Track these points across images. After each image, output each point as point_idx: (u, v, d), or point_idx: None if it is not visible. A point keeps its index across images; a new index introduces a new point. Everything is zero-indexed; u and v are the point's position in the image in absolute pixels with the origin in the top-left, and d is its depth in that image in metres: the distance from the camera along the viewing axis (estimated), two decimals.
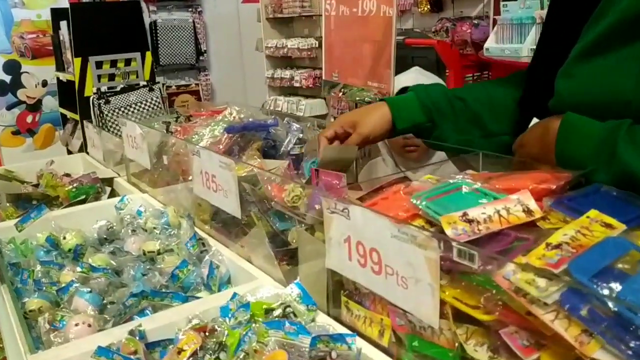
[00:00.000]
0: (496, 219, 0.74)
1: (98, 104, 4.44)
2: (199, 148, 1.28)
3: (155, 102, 4.63)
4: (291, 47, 5.54)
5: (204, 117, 1.70)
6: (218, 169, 1.20)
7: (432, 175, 0.99)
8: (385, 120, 1.24)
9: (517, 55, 3.60)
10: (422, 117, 1.25)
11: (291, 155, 1.51)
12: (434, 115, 1.24)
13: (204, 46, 7.14)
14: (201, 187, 1.31)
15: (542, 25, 1.22)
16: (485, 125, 1.22)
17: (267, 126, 1.47)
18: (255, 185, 1.19)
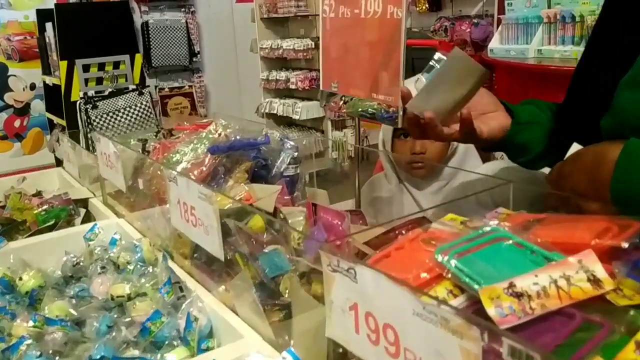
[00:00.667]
0: (553, 293, 0.55)
1: (85, 109, 4.25)
2: (176, 174, 1.09)
3: (145, 107, 4.44)
4: (286, 48, 5.36)
5: (187, 131, 1.51)
6: (197, 201, 1.01)
7: (455, 215, 0.81)
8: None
9: (523, 56, 3.43)
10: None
11: (285, 177, 1.32)
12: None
13: (198, 47, 6.96)
14: (179, 219, 1.12)
15: (593, 28, 1.04)
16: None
17: (256, 145, 1.28)
18: (241, 220, 1.01)
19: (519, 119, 1.05)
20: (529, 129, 1.05)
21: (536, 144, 1.06)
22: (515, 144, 1.06)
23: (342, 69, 1.28)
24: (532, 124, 1.05)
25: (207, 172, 1.24)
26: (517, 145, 1.07)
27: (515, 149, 1.08)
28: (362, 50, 1.21)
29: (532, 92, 3.08)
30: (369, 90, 1.21)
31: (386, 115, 1.33)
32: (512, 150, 1.10)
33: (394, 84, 1.12)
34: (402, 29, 1.08)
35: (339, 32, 1.28)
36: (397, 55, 1.10)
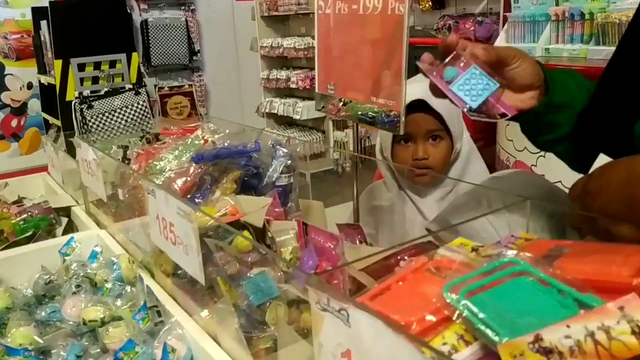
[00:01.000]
0: (590, 349, 0.45)
1: (80, 109, 4.15)
2: (154, 186, 0.98)
3: (142, 107, 4.33)
4: (287, 46, 5.27)
5: (173, 136, 1.41)
6: (176, 217, 0.91)
7: (465, 239, 0.70)
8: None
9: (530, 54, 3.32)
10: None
11: (278, 187, 1.22)
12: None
13: (198, 46, 6.88)
14: (158, 236, 1.02)
15: (628, 25, 0.94)
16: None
17: (245, 152, 1.18)
18: (226, 238, 0.90)
19: (551, 98, 0.94)
20: (559, 111, 0.96)
21: (562, 127, 0.97)
22: (540, 122, 0.97)
23: (339, 69, 1.18)
24: (563, 108, 0.96)
25: (191, 182, 1.14)
26: (540, 123, 0.97)
27: (537, 126, 0.99)
28: (360, 50, 1.10)
29: None
30: (369, 93, 1.10)
31: (387, 119, 1.22)
32: (531, 126, 1.00)
33: (395, 87, 1.02)
34: (405, 26, 0.98)
35: (335, 29, 1.17)
36: (399, 54, 1.00)
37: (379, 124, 1.22)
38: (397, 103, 1.02)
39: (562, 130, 0.97)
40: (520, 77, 0.92)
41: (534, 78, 0.93)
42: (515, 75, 0.92)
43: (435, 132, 1.44)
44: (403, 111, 1.02)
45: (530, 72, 0.93)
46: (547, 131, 0.99)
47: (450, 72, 0.90)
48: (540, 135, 1.01)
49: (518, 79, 0.92)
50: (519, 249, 0.64)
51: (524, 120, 0.98)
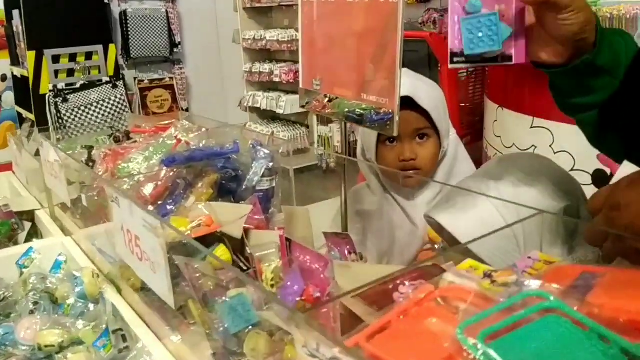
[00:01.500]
0: None
1: (54, 103, 4.00)
2: (118, 194, 0.87)
3: (120, 100, 4.19)
4: (270, 39, 5.14)
5: (145, 134, 1.29)
6: (142, 230, 0.80)
7: (475, 261, 0.61)
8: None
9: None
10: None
11: (258, 191, 1.11)
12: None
13: (179, 38, 6.71)
14: (124, 248, 0.91)
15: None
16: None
17: (221, 155, 1.07)
18: (197, 254, 0.79)
19: (594, 59, 0.82)
20: (599, 75, 0.85)
21: (597, 93, 0.86)
22: (575, 82, 0.86)
23: (326, 64, 1.07)
24: (604, 73, 0.84)
25: (162, 187, 1.03)
26: (575, 83, 0.86)
27: (570, 86, 0.88)
28: (349, 42, 1.00)
29: (527, 86, 2.90)
30: (358, 90, 1.00)
31: (376, 117, 1.12)
32: (564, 84, 0.89)
33: (388, 83, 0.92)
34: (399, 15, 0.87)
35: (321, 19, 1.07)
36: (392, 47, 0.90)
37: (367, 123, 1.12)
38: (391, 101, 0.92)
39: (596, 96, 0.86)
40: (565, 30, 0.80)
41: (579, 35, 0.80)
42: (560, 25, 0.79)
43: (423, 130, 1.35)
44: (397, 110, 0.92)
45: (578, 29, 0.80)
46: (578, 93, 0.88)
47: (473, 3, 0.81)
48: (570, 97, 0.90)
49: (562, 30, 0.80)
50: (540, 276, 0.55)
51: (556, 75, 0.87)
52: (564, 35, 0.81)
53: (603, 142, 0.92)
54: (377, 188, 1.44)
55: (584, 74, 0.84)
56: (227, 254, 0.83)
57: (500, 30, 0.81)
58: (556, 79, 0.89)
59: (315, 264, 0.64)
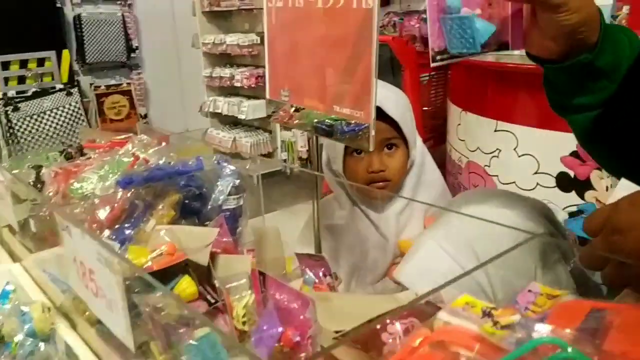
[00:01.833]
0: None
1: (5, 112, 3.82)
2: (69, 222, 0.79)
3: (74, 108, 4.04)
4: (230, 43, 5.04)
5: (100, 150, 1.20)
6: (96, 263, 0.72)
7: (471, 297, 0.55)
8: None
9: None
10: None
11: (225, 211, 1.04)
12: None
13: (136, 42, 6.56)
14: (77, 281, 0.82)
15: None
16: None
17: (183, 173, 0.99)
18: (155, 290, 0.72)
19: (594, 60, 0.78)
20: (598, 77, 0.80)
21: (592, 95, 0.82)
22: (570, 80, 0.82)
23: (295, 73, 1.00)
24: (602, 76, 0.80)
25: (119, 209, 0.94)
26: (570, 81, 0.82)
27: (563, 83, 0.84)
28: (319, 51, 0.93)
29: (490, 90, 2.90)
30: (330, 102, 0.93)
31: (347, 129, 1.06)
32: (558, 82, 0.85)
33: (363, 94, 0.86)
34: (374, 22, 0.81)
35: (289, 26, 1.00)
36: (367, 56, 0.84)
37: (338, 134, 1.06)
38: (366, 113, 0.86)
39: (592, 97, 0.82)
40: (556, 29, 0.76)
41: (573, 35, 0.77)
42: (552, 23, 0.76)
43: (391, 140, 1.31)
44: (373, 123, 0.86)
45: (570, 29, 0.76)
46: (573, 93, 0.83)
47: (452, 2, 0.77)
48: (564, 95, 0.85)
49: (553, 28, 0.76)
50: (546, 314, 0.49)
51: (551, 71, 0.83)
52: (555, 33, 0.77)
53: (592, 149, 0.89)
54: (345, 201, 1.39)
55: (581, 73, 0.80)
56: (193, 286, 0.76)
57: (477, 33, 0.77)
58: (551, 74, 0.85)
59: (294, 303, 0.57)
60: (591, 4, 0.76)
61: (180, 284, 0.76)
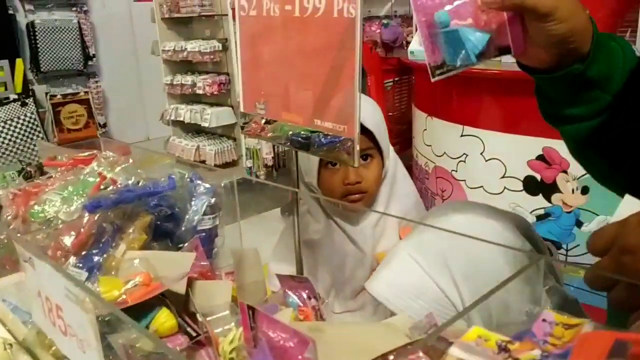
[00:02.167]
0: None
1: None
2: (32, 255, 0.72)
3: (30, 119, 3.88)
4: (191, 50, 4.94)
5: (62, 169, 1.12)
6: (65, 300, 0.65)
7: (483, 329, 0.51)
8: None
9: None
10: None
11: (200, 232, 0.98)
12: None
13: (93, 50, 6.41)
14: (42, 317, 0.75)
15: None
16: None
17: (155, 194, 0.93)
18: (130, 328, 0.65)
19: (586, 70, 0.76)
20: (590, 89, 0.78)
21: (584, 106, 0.80)
22: (563, 91, 0.79)
23: (272, 86, 0.95)
24: (595, 87, 0.78)
25: (85, 235, 0.87)
26: (563, 92, 0.80)
27: (556, 93, 0.81)
28: (298, 62, 0.89)
29: (456, 95, 2.91)
30: (310, 115, 0.89)
31: (325, 141, 1.02)
32: (549, 89, 0.82)
33: (346, 107, 0.81)
34: (357, 31, 0.77)
35: (263, 36, 0.95)
36: (349, 67, 0.80)
37: (315, 147, 1.02)
38: (350, 127, 0.82)
39: (584, 109, 0.80)
40: (544, 38, 0.74)
41: (562, 45, 0.74)
42: (540, 32, 0.74)
43: (366, 151, 1.28)
44: (357, 138, 0.82)
45: (558, 40, 0.74)
46: (565, 103, 0.81)
47: (440, 18, 0.74)
48: (556, 105, 0.83)
49: (541, 37, 0.74)
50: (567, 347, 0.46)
51: (542, 81, 0.81)
52: (544, 42, 0.75)
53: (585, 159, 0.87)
54: (320, 215, 1.35)
55: (572, 83, 0.78)
56: (171, 319, 0.70)
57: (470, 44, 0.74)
58: (542, 85, 0.82)
59: (290, 342, 0.52)
60: (581, 13, 0.74)
61: (157, 317, 0.70)
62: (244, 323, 0.57)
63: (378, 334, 0.61)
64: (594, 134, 0.79)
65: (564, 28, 0.72)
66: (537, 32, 0.74)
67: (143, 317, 0.70)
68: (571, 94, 0.79)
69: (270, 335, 0.53)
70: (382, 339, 0.59)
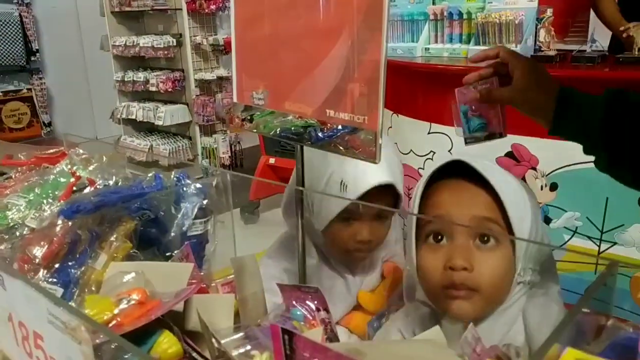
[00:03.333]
0: None
1: None
2: (2, 273, 0.58)
3: None
4: (144, 45, 4.74)
5: (23, 168, 0.98)
6: (46, 327, 0.53)
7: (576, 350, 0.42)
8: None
9: (411, 54, 3.20)
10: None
11: (191, 238, 0.86)
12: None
13: (36, 44, 6.09)
14: (13, 347, 0.62)
15: None
16: None
17: (142, 195, 0.80)
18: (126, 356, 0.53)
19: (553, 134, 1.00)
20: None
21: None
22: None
23: (273, 72, 0.85)
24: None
25: (58, 244, 0.74)
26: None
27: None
28: (308, 44, 0.78)
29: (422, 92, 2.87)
30: (321, 105, 0.78)
31: (322, 135, 0.92)
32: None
33: (368, 95, 0.71)
34: (385, 5, 0.68)
35: (265, 16, 0.84)
36: (374, 48, 0.70)
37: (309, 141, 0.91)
38: (372, 119, 0.72)
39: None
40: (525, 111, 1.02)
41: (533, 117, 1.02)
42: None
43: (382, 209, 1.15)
44: (380, 130, 0.72)
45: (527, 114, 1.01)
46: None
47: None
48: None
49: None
50: None
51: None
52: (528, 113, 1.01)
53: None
54: (313, 252, 1.21)
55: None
56: (176, 344, 0.58)
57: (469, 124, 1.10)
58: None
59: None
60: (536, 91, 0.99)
61: (159, 342, 0.58)
62: (277, 350, 0.46)
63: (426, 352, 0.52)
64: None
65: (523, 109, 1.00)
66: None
67: (142, 342, 0.58)
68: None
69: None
70: (435, 358, 0.49)
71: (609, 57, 2.36)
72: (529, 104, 0.99)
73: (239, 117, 1.08)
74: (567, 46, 2.95)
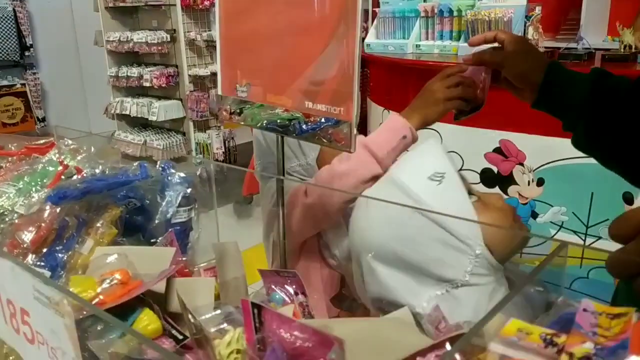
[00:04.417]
0: None
1: None
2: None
3: None
4: (138, 41, 4.75)
5: (13, 158, 1.01)
6: (33, 303, 0.56)
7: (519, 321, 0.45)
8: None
9: (402, 51, 3.23)
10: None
11: (175, 225, 0.89)
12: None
13: (30, 40, 6.08)
14: (2, 325, 0.65)
15: None
16: None
17: (128, 182, 0.84)
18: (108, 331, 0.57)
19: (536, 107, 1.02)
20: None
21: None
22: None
23: (256, 65, 0.88)
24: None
25: (46, 230, 0.77)
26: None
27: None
28: (287, 39, 0.81)
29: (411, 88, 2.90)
30: (301, 97, 0.82)
31: (307, 127, 0.95)
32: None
33: (344, 87, 0.75)
34: (358, 4, 0.71)
35: (248, 12, 0.87)
36: (349, 42, 0.73)
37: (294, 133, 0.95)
38: (347, 110, 0.75)
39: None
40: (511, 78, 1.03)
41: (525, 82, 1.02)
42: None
43: None
44: (355, 121, 0.75)
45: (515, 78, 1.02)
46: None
47: None
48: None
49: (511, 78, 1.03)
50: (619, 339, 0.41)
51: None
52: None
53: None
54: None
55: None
56: (156, 321, 0.62)
57: None
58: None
59: (309, 343, 0.45)
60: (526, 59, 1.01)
61: (140, 319, 0.62)
62: (247, 323, 0.50)
63: (391, 329, 0.56)
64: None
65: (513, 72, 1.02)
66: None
67: (123, 319, 0.61)
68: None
69: (283, 335, 0.46)
70: (399, 335, 0.53)
71: (596, 54, 2.40)
72: (517, 68, 1.01)
73: (227, 110, 1.12)
74: (556, 43, 2.99)
